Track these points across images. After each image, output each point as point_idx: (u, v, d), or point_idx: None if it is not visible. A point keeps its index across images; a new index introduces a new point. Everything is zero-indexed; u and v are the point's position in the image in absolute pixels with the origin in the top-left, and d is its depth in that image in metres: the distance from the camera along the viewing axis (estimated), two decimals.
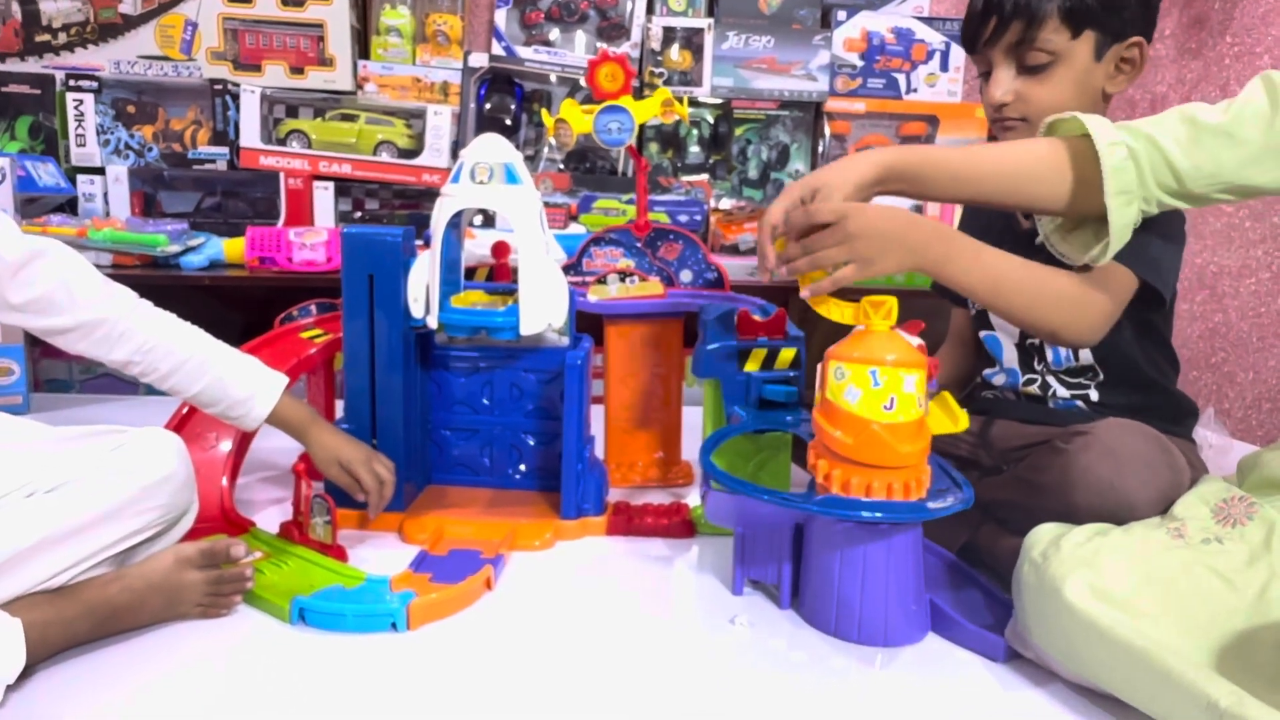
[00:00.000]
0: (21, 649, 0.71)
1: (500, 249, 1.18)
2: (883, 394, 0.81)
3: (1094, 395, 1.04)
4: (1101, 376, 1.03)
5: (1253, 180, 0.80)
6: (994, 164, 0.86)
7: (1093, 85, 0.97)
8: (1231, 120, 0.79)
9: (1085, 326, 0.88)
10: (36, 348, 1.71)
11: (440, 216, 1.00)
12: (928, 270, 0.86)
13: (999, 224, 1.10)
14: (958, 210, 1.77)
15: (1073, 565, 0.76)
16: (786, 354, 1.05)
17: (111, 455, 0.84)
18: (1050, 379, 1.07)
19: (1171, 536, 0.78)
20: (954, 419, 0.86)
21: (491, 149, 0.98)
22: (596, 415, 1.22)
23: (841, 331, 0.87)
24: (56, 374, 1.79)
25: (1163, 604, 0.72)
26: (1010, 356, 1.10)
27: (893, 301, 0.83)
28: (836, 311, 0.86)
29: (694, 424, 1.26)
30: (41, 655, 0.75)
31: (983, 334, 1.14)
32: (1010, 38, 0.97)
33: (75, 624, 0.78)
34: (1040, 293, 0.87)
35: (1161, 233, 0.92)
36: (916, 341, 0.85)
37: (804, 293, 0.85)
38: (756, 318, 1.06)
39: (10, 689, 0.71)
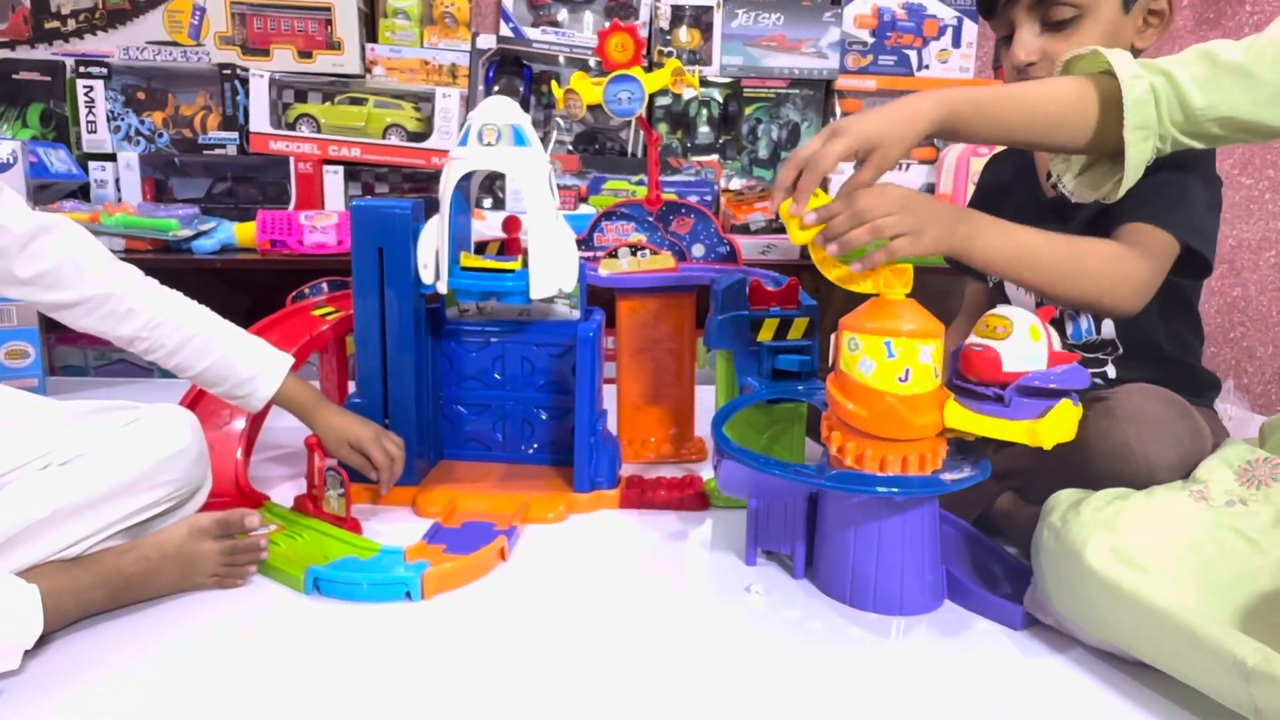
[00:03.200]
0: (39, 614, 0.71)
1: (511, 223, 1.17)
2: (897, 365, 0.80)
3: (1111, 372, 1.02)
4: (1120, 350, 1.02)
5: (1268, 121, 0.77)
6: (1028, 108, 0.84)
7: (1122, 39, 0.95)
8: (1252, 59, 0.76)
9: (1126, 294, 0.85)
10: (52, 334, 1.73)
11: (448, 180, 0.99)
12: (956, 249, 0.84)
13: (1019, 192, 1.08)
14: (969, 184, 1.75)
15: (1093, 528, 0.74)
16: (800, 324, 1.04)
17: (125, 430, 0.85)
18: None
19: (1194, 499, 0.77)
20: (1036, 434, 0.79)
21: (499, 111, 0.97)
22: (609, 394, 1.21)
23: (856, 301, 0.85)
24: (71, 360, 1.80)
25: (1186, 566, 0.71)
26: None
27: (910, 269, 0.82)
28: (868, 284, 0.84)
29: (707, 400, 1.25)
30: (57, 624, 0.75)
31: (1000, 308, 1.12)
32: None
33: (90, 593, 0.78)
34: (1074, 264, 0.84)
35: (1204, 198, 0.91)
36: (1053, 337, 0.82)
37: (854, 267, 0.82)
38: (769, 288, 1.05)
39: (27, 655, 0.71)
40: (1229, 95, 0.77)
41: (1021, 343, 0.80)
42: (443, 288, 1.03)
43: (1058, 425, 0.78)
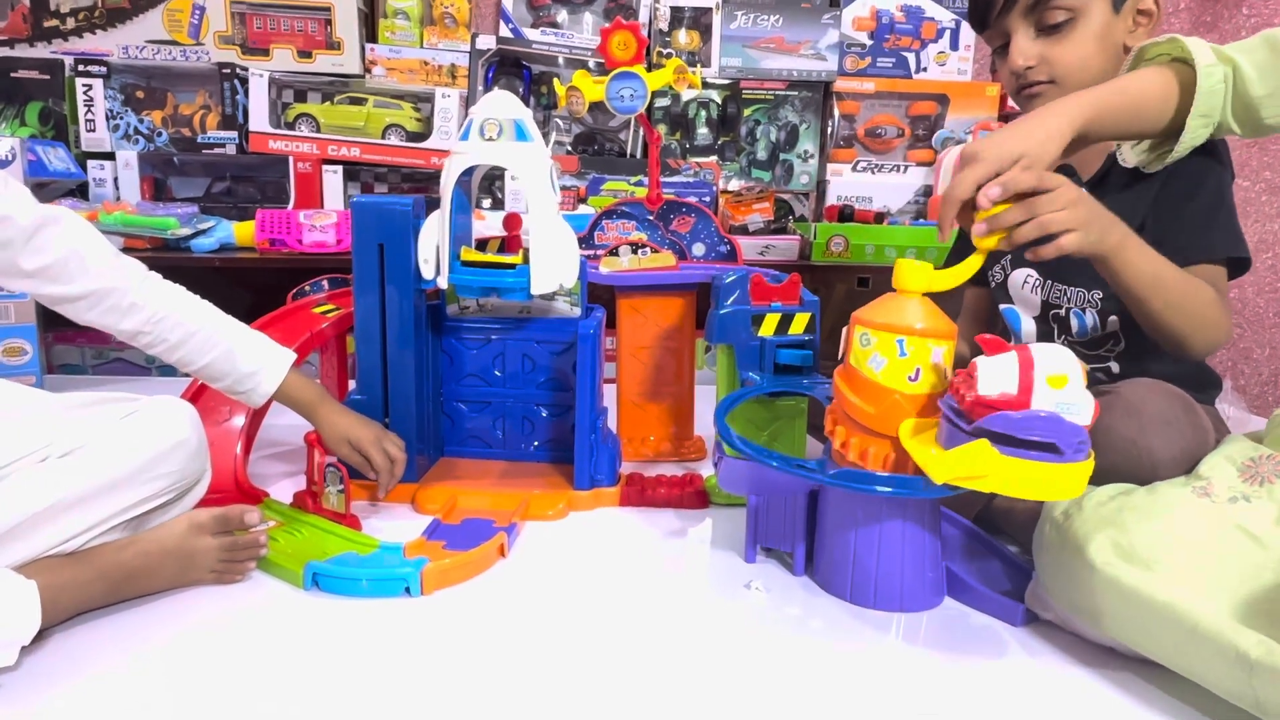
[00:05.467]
0: (37, 609, 0.71)
1: (512, 221, 1.17)
2: (908, 364, 0.80)
3: (1114, 367, 1.03)
4: (1123, 345, 1.02)
5: None
6: (1134, 105, 0.84)
7: (1114, 39, 0.97)
8: None
9: (1211, 340, 0.90)
10: (50, 331, 1.72)
11: (450, 175, 0.99)
12: (1104, 253, 0.83)
13: None
14: None
15: (1096, 524, 0.74)
16: (801, 319, 1.04)
17: (124, 421, 0.84)
18: None
19: (1197, 495, 0.77)
20: (929, 463, 0.74)
21: (501, 105, 0.97)
22: (609, 392, 1.21)
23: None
24: (69, 358, 1.80)
25: (1189, 562, 0.71)
26: (1029, 330, 1.09)
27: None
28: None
29: (707, 399, 1.25)
30: (55, 618, 0.75)
31: (1002, 307, 1.13)
32: (1026, 1, 0.96)
33: (89, 588, 0.78)
34: (1185, 299, 0.87)
35: (1231, 201, 0.93)
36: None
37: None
38: (770, 283, 1.05)
39: (24, 650, 0.71)
40: None
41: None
42: (443, 283, 1.03)
43: (957, 463, 0.72)
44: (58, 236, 0.82)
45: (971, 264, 0.82)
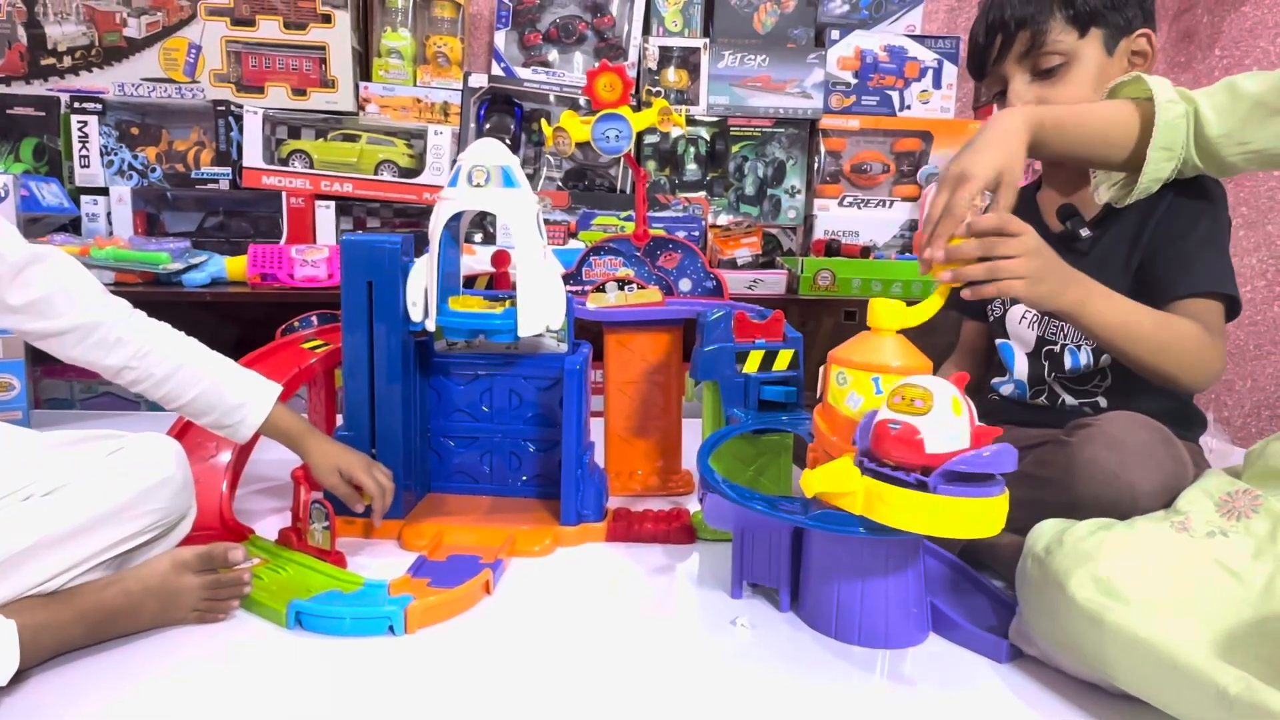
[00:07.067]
0: (15, 651, 0.70)
1: (500, 258, 1.18)
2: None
3: (1102, 402, 1.04)
4: (1109, 381, 1.03)
5: None
6: (1094, 127, 0.90)
7: (1109, 81, 0.99)
8: (1268, 90, 0.81)
9: (1204, 376, 0.91)
10: (38, 366, 1.72)
11: (438, 220, 1.01)
12: (1065, 310, 0.87)
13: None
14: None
15: (1077, 560, 0.75)
16: (785, 355, 1.05)
17: (109, 459, 0.84)
18: (1058, 388, 1.06)
19: (1176, 530, 0.77)
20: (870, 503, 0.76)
21: (489, 152, 0.99)
22: (596, 426, 1.22)
23: (841, 333, 0.87)
24: (57, 393, 1.79)
25: (1168, 597, 0.71)
26: (1021, 366, 1.10)
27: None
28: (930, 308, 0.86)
29: (693, 433, 1.26)
30: (35, 659, 0.74)
31: (998, 341, 1.14)
32: (1019, 48, 1.00)
33: (70, 628, 0.77)
34: (1165, 340, 0.89)
35: (1226, 244, 0.96)
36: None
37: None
38: (754, 320, 1.06)
39: (2, 691, 0.70)
40: (1246, 124, 0.82)
41: (944, 419, 0.72)
42: (431, 325, 1.04)
43: (823, 478, 0.76)
44: (44, 272, 0.83)
45: (934, 300, 0.86)
